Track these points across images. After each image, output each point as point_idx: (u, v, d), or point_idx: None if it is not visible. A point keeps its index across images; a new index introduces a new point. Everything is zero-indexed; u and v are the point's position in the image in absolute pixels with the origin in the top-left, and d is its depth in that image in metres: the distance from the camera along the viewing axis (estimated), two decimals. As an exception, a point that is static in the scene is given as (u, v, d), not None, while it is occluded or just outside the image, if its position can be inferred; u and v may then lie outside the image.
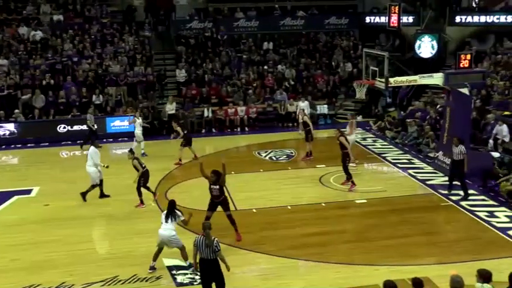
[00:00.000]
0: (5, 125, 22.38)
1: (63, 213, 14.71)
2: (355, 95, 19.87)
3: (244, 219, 13.35)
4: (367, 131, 23.29)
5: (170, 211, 11.19)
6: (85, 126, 22.23)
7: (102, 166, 15.66)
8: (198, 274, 10.47)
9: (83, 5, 28.57)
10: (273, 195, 15.59)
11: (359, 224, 13.83)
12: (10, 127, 22.41)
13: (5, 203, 15.69)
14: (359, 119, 25.31)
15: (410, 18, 27.88)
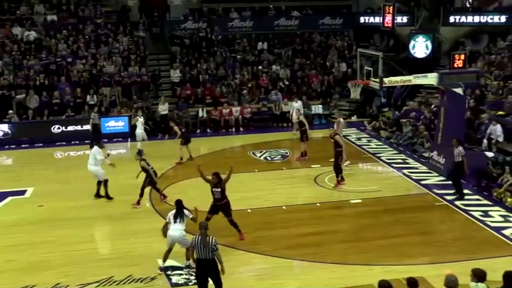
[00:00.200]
0: (-2, 126, 22.34)
1: (57, 214, 14.67)
2: (350, 95, 19.92)
3: (239, 219, 13.30)
4: (361, 131, 23.33)
5: (178, 211, 11.14)
6: (79, 126, 22.27)
7: (106, 158, 15.65)
8: (193, 274, 10.48)
9: (76, 5, 28.46)
10: (268, 196, 15.60)
11: (354, 223, 13.85)
12: (4, 128, 22.33)
13: (-1, 204, 15.66)
14: (353, 119, 25.43)
15: (404, 19, 27.93)
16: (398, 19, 26.18)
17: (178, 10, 29.65)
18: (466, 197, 15.09)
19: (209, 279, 9.69)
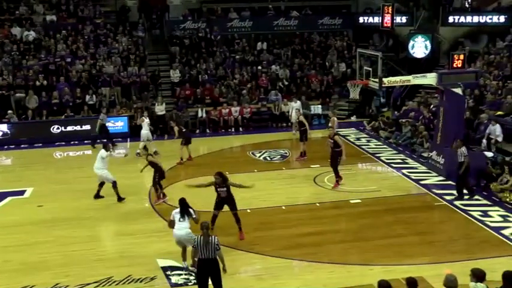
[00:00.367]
0: (-2, 126, 22.34)
1: (57, 214, 14.66)
2: (349, 95, 19.91)
3: (239, 219, 13.34)
4: (361, 131, 23.34)
5: (182, 209, 11.12)
6: (79, 127, 22.31)
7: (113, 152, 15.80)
8: (193, 274, 10.48)
9: (76, 5, 28.45)
10: (268, 196, 15.59)
11: (353, 223, 13.83)
12: (3, 128, 22.31)
13: (-1, 204, 15.66)
14: (353, 119, 25.44)
15: (403, 19, 27.97)
16: (398, 19, 26.23)
17: (177, 10, 29.66)
18: (465, 197, 15.08)
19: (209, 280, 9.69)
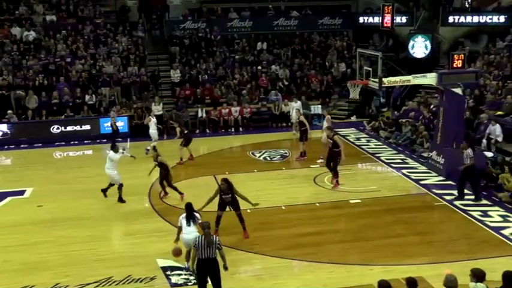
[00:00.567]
0: (-2, 126, 22.34)
1: (56, 214, 14.66)
2: (349, 95, 19.90)
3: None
4: (361, 131, 23.34)
5: (189, 214, 11.12)
6: (78, 127, 22.40)
7: (124, 152, 15.68)
8: (193, 275, 10.46)
9: (76, 5, 28.46)
10: (267, 196, 15.57)
11: (353, 223, 13.83)
12: (3, 128, 22.32)
13: (-1, 204, 15.65)
14: (353, 119, 25.44)
15: (403, 19, 27.97)
16: (398, 19, 26.23)
17: (177, 10, 29.67)
18: (465, 197, 15.08)
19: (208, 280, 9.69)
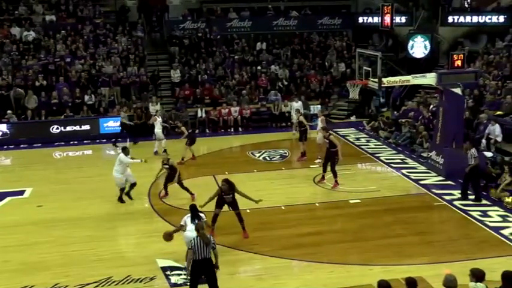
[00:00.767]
0: (-3, 126, 22.32)
1: (56, 214, 14.64)
2: (349, 95, 19.89)
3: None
4: (360, 131, 23.33)
5: (194, 215, 11.14)
6: (78, 127, 22.41)
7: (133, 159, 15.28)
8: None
9: (75, 5, 28.46)
10: (267, 196, 15.48)
11: (353, 223, 13.82)
12: (2, 128, 22.28)
13: (-2, 204, 15.65)
14: (352, 119, 25.45)
15: (403, 19, 27.98)
16: (397, 19, 26.23)
17: (177, 10, 29.67)
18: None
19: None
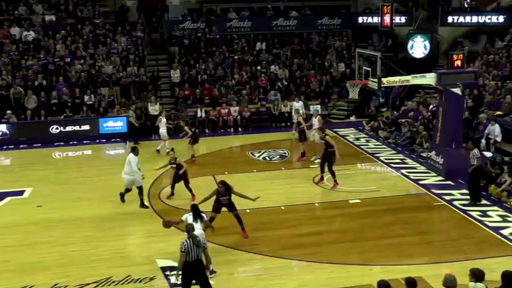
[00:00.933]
0: (-3, 126, 22.31)
1: (56, 215, 14.63)
2: (348, 95, 19.90)
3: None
4: (360, 131, 23.33)
5: (196, 214, 11.17)
6: (78, 127, 22.45)
7: (139, 172, 14.86)
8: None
9: (75, 6, 28.47)
10: (267, 196, 15.50)
11: (353, 223, 13.82)
12: (2, 128, 22.24)
13: (-2, 204, 15.65)
14: (352, 119, 25.45)
15: (402, 19, 27.99)
16: (397, 19, 26.22)
17: (176, 10, 29.67)
18: (464, 197, 15.06)
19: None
